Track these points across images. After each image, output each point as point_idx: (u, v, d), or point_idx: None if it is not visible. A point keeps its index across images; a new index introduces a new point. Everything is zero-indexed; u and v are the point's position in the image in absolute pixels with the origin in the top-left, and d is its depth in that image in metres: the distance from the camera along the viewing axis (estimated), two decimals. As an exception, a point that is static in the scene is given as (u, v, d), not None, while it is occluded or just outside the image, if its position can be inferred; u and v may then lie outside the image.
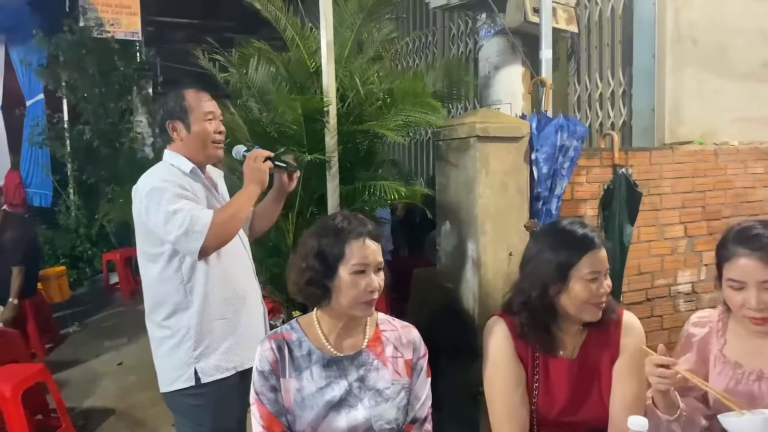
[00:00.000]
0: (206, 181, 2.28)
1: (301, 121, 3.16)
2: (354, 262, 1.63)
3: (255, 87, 3.40)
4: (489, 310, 3.17)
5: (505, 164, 3.17)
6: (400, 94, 3.30)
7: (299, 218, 3.48)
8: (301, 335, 1.74)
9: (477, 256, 3.12)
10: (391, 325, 1.83)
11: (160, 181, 2.10)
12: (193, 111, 2.21)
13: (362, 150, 3.58)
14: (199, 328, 2.17)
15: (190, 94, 2.23)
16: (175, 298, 2.17)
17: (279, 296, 3.72)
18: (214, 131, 2.24)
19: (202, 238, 2.02)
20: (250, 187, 2.20)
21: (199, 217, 2.04)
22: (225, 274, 2.23)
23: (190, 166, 2.20)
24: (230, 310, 2.24)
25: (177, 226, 2.03)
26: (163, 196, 2.06)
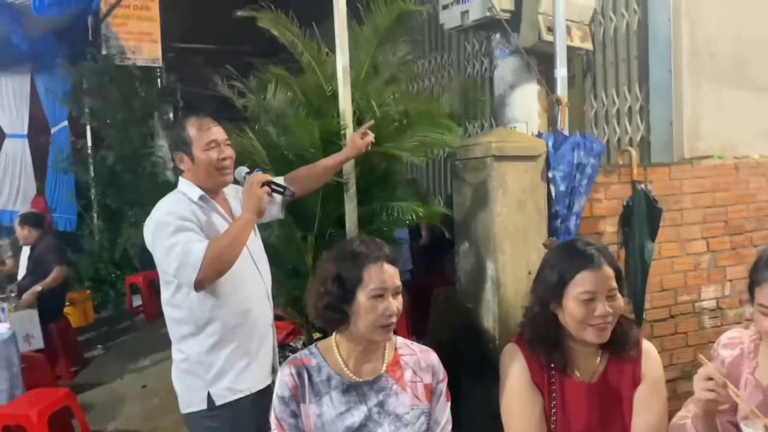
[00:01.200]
0: (220, 207, 2.31)
1: (318, 144, 3.19)
2: (372, 286, 1.64)
3: (273, 112, 3.44)
4: (509, 330, 3.15)
5: (523, 183, 3.17)
6: (416, 115, 3.32)
7: (318, 240, 3.50)
8: (320, 360, 1.74)
9: (496, 276, 3.11)
10: (409, 349, 1.82)
11: (164, 214, 2.15)
12: (194, 141, 2.23)
13: (379, 171, 3.59)
14: (211, 353, 2.20)
15: (191, 124, 2.25)
16: (185, 325, 2.20)
17: (299, 318, 3.73)
18: (217, 159, 2.25)
19: (196, 270, 2.04)
20: (246, 215, 2.20)
21: (192, 249, 2.05)
22: (235, 300, 2.24)
23: (198, 194, 2.24)
24: (241, 335, 2.25)
25: (174, 260, 2.06)
26: (165, 231, 2.10)
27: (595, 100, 4.81)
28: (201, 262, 2.03)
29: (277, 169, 3.37)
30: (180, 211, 2.14)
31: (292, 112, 3.39)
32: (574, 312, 1.73)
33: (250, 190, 2.20)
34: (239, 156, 2.46)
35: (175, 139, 2.27)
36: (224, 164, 2.27)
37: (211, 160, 2.23)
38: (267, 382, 2.34)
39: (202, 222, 2.18)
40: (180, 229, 2.09)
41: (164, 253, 2.08)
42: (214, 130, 2.27)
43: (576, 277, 1.73)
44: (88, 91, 7.67)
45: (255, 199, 2.19)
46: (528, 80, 3.99)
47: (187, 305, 2.17)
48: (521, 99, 3.97)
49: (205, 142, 2.23)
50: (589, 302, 1.72)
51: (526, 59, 3.91)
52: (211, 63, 8.19)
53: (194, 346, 2.19)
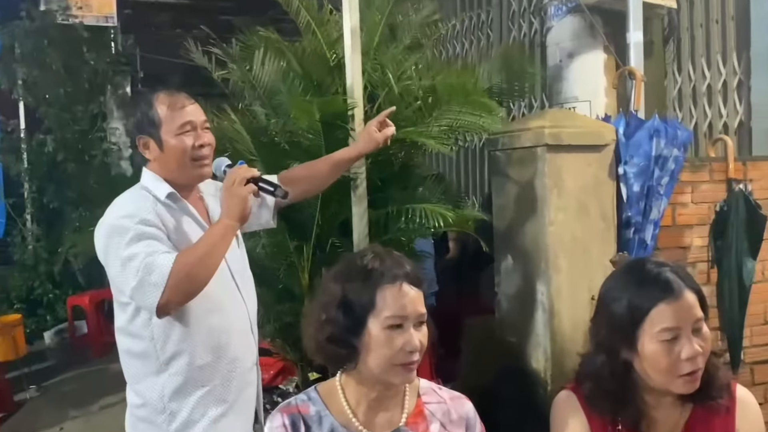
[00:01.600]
0: (194, 208, 2.30)
1: (318, 128, 3.21)
2: (388, 314, 1.63)
3: (261, 86, 3.47)
4: (564, 373, 3.14)
5: (584, 181, 3.17)
6: (446, 92, 3.34)
7: (317, 252, 3.52)
8: (321, 408, 1.75)
9: (549, 302, 3.10)
10: (437, 395, 1.83)
11: (120, 216, 2.12)
12: (164, 123, 2.20)
13: (397, 164, 3.61)
14: (175, 399, 2.19)
15: (161, 101, 2.21)
16: (145, 360, 2.19)
17: (291, 354, 3.76)
18: (193, 146, 2.22)
19: (159, 291, 2.01)
20: (226, 220, 2.17)
21: (156, 264, 2.02)
22: (209, 331, 2.23)
23: (166, 192, 2.22)
24: (215, 377, 2.25)
25: (132, 276, 2.04)
26: (122, 238, 2.08)
27: (679, 73, 4.80)
28: (166, 281, 2.01)
29: (267, 160, 3.40)
30: (142, 213, 2.12)
31: (285, 86, 3.41)
32: (657, 359, 1.69)
33: (232, 189, 2.17)
34: (217, 143, 2.46)
35: (138, 119, 2.23)
36: (202, 153, 2.24)
37: (184, 147, 2.21)
38: None
39: (170, 228, 2.17)
40: (141, 236, 2.08)
41: (120, 267, 2.07)
42: (189, 110, 2.24)
43: (652, 312, 1.72)
44: (21, 58, 7.74)
45: (237, 201, 2.16)
46: (592, 47, 3.99)
47: (148, 335, 2.17)
48: (582, 71, 3.97)
49: (178, 125, 2.20)
50: (673, 342, 1.70)
51: (589, 19, 3.91)
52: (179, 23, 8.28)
53: (155, 389, 2.19)
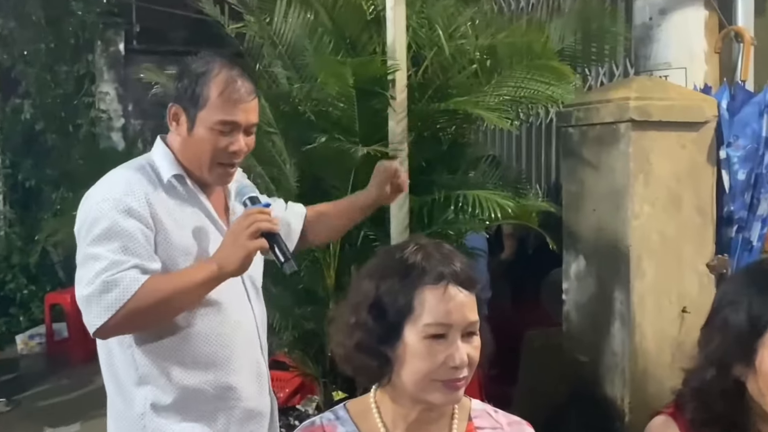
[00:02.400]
0: (206, 200, 2.30)
1: (352, 95, 3.24)
2: (428, 320, 1.61)
3: (283, 44, 3.49)
4: (647, 401, 3.12)
5: (677, 166, 3.15)
6: (508, 54, 3.33)
7: (345, 246, 3.54)
8: (351, 429, 1.75)
9: (629, 313, 3.09)
10: (491, 419, 1.82)
11: (101, 199, 2.13)
12: (208, 107, 2.19)
13: (445, 141, 3.61)
14: (156, 414, 2.19)
15: (217, 80, 2.19)
16: (124, 366, 2.21)
17: (312, 368, 3.79)
18: (224, 149, 2.21)
19: (108, 314, 2.02)
20: (216, 266, 2.13)
21: (118, 283, 2.02)
22: (209, 339, 2.23)
23: (170, 173, 2.22)
24: (214, 398, 2.25)
25: (86, 282, 2.04)
26: (94, 227, 2.09)
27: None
28: (120, 306, 2.02)
29: (288, 133, 3.42)
30: (128, 200, 2.12)
31: (312, 44, 3.43)
32: None
33: (240, 236, 2.13)
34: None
35: (184, 86, 2.22)
36: (230, 160, 2.24)
37: (213, 146, 2.20)
38: None
39: (167, 216, 2.17)
40: (115, 233, 2.07)
41: (81, 261, 2.09)
42: (242, 108, 2.22)
43: None
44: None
45: (241, 253, 2.13)
46: (690, 2, 3.93)
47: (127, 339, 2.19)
48: (677, 32, 3.91)
49: (219, 120, 2.18)
50: None
51: (686, -32, 3.86)
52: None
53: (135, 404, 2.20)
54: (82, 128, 7.93)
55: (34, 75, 7.81)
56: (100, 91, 8.14)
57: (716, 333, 1.77)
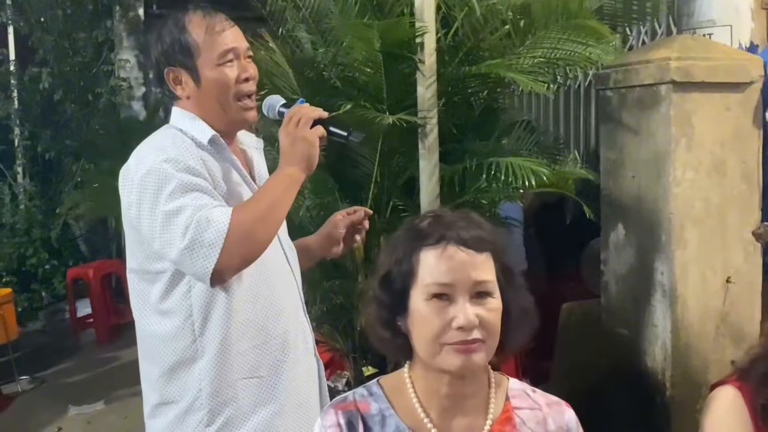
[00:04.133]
0: (234, 157, 2.33)
1: (379, 60, 3.23)
2: (428, 281, 1.62)
3: (307, 7, 3.49)
4: (690, 375, 3.12)
5: (722, 130, 3.12)
6: (543, 13, 3.31)
7: (374, 217, 3.54)
8: (384, 406, 1.76)
9: (671, 284, 3.08)
10: (530, 400, 1.82)
11: (160, 161, 2.14)
12: (202, 51, 2.22)
13: (477, 107, 3.61)
14: (216, 390, 2.23)
15: (195, 23, 2.23)
16: (178, 343, 2.23)
17: (341, 343, 3.81)
18: (237, 80, 2.24)
19: (215, 252, 2.06)
20: (290, 168, 2.20)
21: (211, 219, 2.06)
22: (259, 305, 2.27)
23: (209, 134, 2.25)
24: (265, 364, 2.28)
25: (179, 235, 2.07)
26: (163, 188, 2.11)
27: None
28: (224, 239, 2.05)
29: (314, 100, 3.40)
30: (186, 159, 2.15)
31: (337, 6, 3.43)
32: None
33: (296, 131, 2.20)
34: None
35: (167, 46, 2.25)
36: (247, 88, 2.27)
37: (227, 80, 2.22)
38: None
39: (216, 179, 2.21)
40: (187, 187, 2.11)
41: (161, 223, 2.11)
42: (230, 34, 2.25)
43: None
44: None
45: (304, 145, 2.19)
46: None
47: (185, 311, 2.20)
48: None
49: (219, 53, 2.22)
50: None
51: None
52: (204, -74, 8.28)
53: (190, 378, 2.23)
54: (101, 97, 7.94)
55: (51, 42, 7.84)
56: (120, 59, 8.12)
57: None
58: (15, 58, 8.25)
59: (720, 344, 3.21)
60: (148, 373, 2.32)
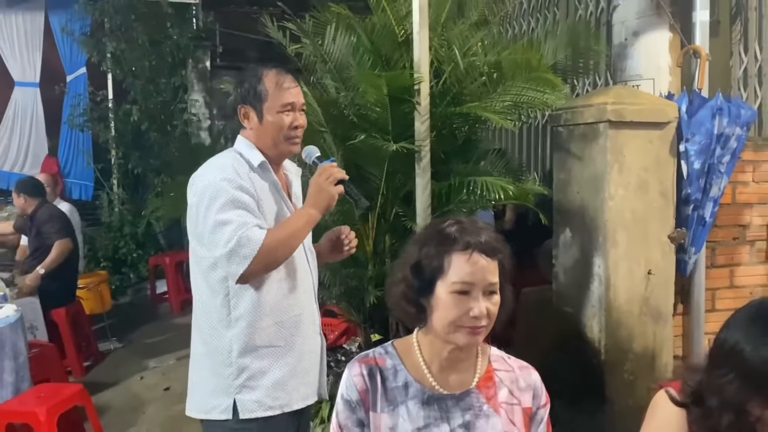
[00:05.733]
0: (277, 180, 2.37)
1: (386, 101, 3.25)
2: (455, 279, 1.63)
3: (332, 61, 3.52)
4: (618, 344, 3.13)
5: (645, 157, 3.14)
6: (510, 68, 3.32)
7: (381, 221, 3.56)
8: (397, 362, 1.78)
9: (605, 275, 3.10)
10: (506, 363, 1.83)
11: (219, 178, 2.20)
12: (269, 99, 2.29)
13: (460, 137, 3.61)
14: (243, 352, 2.26)
15: (269, 78, 2.30)
16: (218, 312, 2.28)
17: (355, 316, 3.82)
18: (289, 125, 2.31)
19: (248, 263, 2.12)
20: (312, 210, 2.27)
21: (250, 238, 2.13)
22: (281, 293, 2.31)
23: (259, 160, 2.30)
24: (282, 336, 2.31)
25: (223, 242, 2.13)
26: (217, 199, 2.17)
27: (745, 53, 4.61)
28: (255, 255, 2.12)
29: (336, 131, 3.44)
30: (239, 180, 2.21)
31: (355, 61, 3.46)
32: None
33: (323, 184, 2.28)
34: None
35: (245, 90, 2.32)
36: (295, 133, 2.34)
37: (282, 125, 2.29)
38: (309, 401, 2.40)
39: (259, 194, 2.26)
40: (237, 203, 2.17)
41: (211, 229, 2.17)
42: (293, 92, 2.32)
43: None
44: (111, 32, 7.96)
45: (326, 197, 2.28)
46: (657, 25, 3.87)
47: (223, 290, 2.26)
48: (647, 50, 3.86)
49: (281, 104, 2.29)
50: None
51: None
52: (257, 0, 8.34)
53: (224, 339, 2.27)
54: (177, 128, 8.06)
55: (140, 86, 7.94)
56: (191, 99, 8.23)
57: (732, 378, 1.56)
58: (112, 98, 8.39)
59: (642, 321, 3.22)
60: (197, 329, 2.37)
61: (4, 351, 3.77)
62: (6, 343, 3.78)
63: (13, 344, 3.82)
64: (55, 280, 5.37)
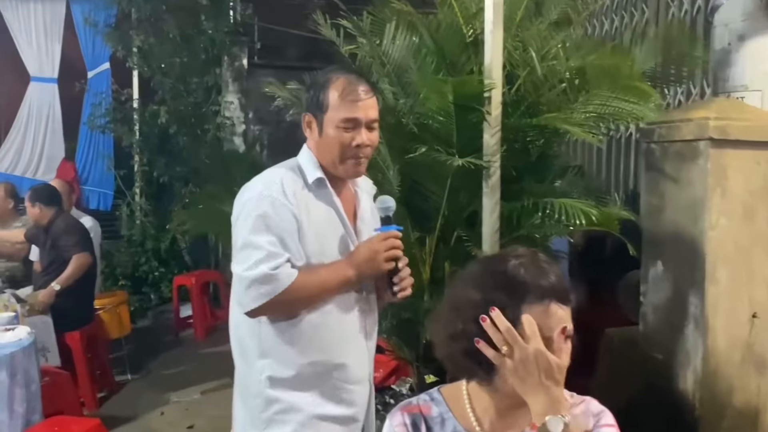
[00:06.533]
0: (338, 200, 2.36)
1: (450, 110, 3.24)
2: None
3: (391, 63, 3.53)
4: (716, 398, 3.07)
5: (753, 181, 3.10)
6: (595, 75, 3.30)
7: (440, 245, 3.55)
8: (444, 410, 1.77)
9: (703, 316, 3.05)
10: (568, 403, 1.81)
11: (264, 195, 2.23)
12: (330, 110, 2.27)
13: (534, 152, 3.60)
14: (273, 386, 2.29)
15: (336, 85, 2.27)
16: (249, 337, 2.32)
17: (407, 353, 3.81)
18: (349, 144, 2.27)
19: (263, 301, 2.15)
20: (351, 273, 2.26)
21: (276, 277, 2.14)
22: (320, 327, 2.29)
23: (315, 176, 2.31)
24: (318, 381, 2.31)
25: (245, 266, 2.17)
26: (253, 216, 2.19)
27: None
28: (274, 297, 2.14)
29: (393, 143, 3.45)
30: (284, 199, 2.22)
31: (416, 63, 3.47)
32: None
33: (377, 255, 2.27)
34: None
35: (310, 96, 2.33)
36: (357, 153, 2.30)
37: (340, 142, 2.27)
38: None
39: (308, 213, 2.26)
40: (272, 227, 2.18)
41: (240, 246, 2.21)
42: (361, 105, 2.28)
43: None
44: (138, 24, 8.12)
45: (373, 268, 2.29)
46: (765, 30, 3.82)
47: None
48: (755, 56, 3.80)
49: (342, 117, 2.26)
50: None
51: (766, -4, 3.75)
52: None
53: (254, 366, 2.31)
54: (209, 132, 8.16)
55: (169, 85, 8.09)
56: (225, 101, 8.33)
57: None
58: (138, 97, 8.55)
59: (745, 371, 3.15)
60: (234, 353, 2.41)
61: (16, 378, 3.82)
62: (18, 369, 3.83)
63: (26, 371, 3.88)
64: (70, 299, 5.41)
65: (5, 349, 3.84)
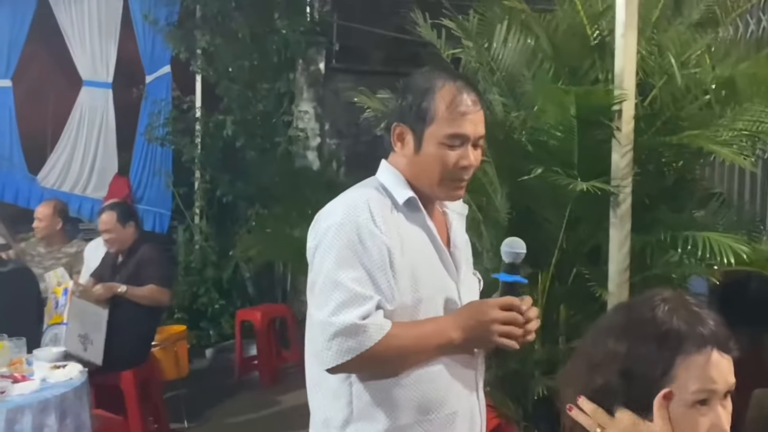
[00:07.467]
0: (431, 224, 2.31)
1: (572, 125, 3.22)
2: (695, 388, 1.58)
3: (501, 70, 3.51)
4: None
5: None
6: (747, 85, 3.22)
7: (555, 284, 3.50)
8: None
9: None
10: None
11: (346, 221, 2.16)
12: (435, 122, 2.20)
13: (671, 177, 3.53)
14: None
15: (444, 93, 2.21)
16: (326, 398, 2.26)
17: (512, 409, 3.75)
18: (455, 165, 2.21)
19: (345, 359, 2.07)
20: (456, 333, 2.18)
21: (364, 329, 2.06)
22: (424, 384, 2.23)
23: (406, 196, 2.25)
24: None
25: (328, 311, 2.08)
26: (336, 247, 2.13)
27: None
28: (361, 353, 2.06)
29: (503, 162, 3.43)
30: (369, 224, 2.15)
31: (531, 70, 3.45)
32: None
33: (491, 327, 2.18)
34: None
35: (407, 103, 2.25)
36: (461, 175, 2.25)
37: (444, 162, 2.21)
38: None
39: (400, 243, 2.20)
40: (361, 259, 2.12)
41: (322, 283, 2.14)
42: (471, 119, 2.21)
43: None
44: (203, 23, 8.25)
45: (482, 339, 2.22)
46: None
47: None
48: None
49: (449, 133, 2.19)
50: None
51: None
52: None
53: None
54: (279, 146, 8.14)
55: (236, 92, 8.10)
56: (299, 110, 8.34)
57: None
58: (201, 105, 8.61)
59: None
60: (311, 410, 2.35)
61: (65, 422, 3.88)
62: (68, 413, 3.90)
63: (76, 415, 3.95)
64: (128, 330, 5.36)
65: (55, 390, 3.91)
